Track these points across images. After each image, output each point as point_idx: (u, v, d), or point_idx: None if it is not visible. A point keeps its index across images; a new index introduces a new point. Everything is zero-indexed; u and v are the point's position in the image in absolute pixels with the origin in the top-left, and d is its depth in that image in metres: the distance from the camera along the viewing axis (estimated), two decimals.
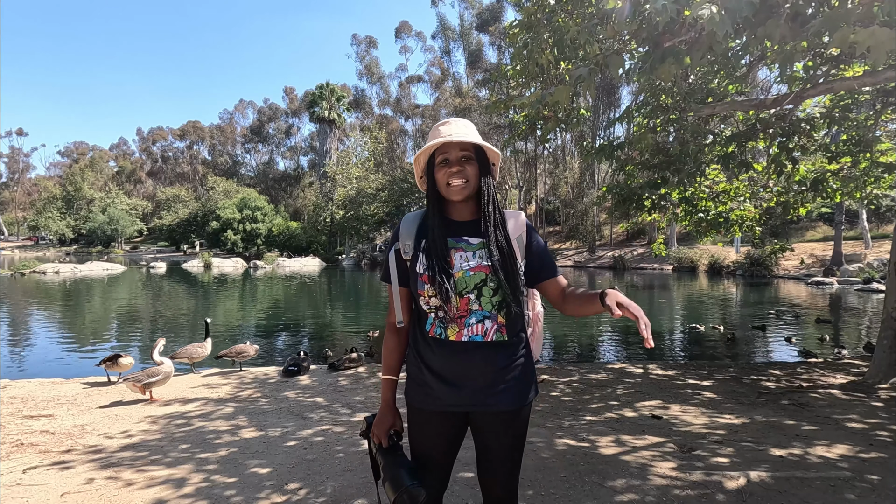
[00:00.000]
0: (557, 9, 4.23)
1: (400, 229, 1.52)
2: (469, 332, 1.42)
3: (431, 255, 1.43)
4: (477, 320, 1.42)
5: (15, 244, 65.53)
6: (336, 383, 5.15)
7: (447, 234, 1.46)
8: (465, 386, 1.43)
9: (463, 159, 1.45)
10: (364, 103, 54.56)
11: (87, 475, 2.86)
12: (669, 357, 7.84)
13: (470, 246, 1.45)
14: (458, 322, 1.42)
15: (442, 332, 1.43)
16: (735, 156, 5.34)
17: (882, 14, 2.55)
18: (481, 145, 1.46)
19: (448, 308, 1.42)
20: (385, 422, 1.50)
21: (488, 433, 1.49)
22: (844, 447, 3.23)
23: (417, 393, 1.49)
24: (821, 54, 4.49)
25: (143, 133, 78.71)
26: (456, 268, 1.43)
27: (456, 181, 1.44)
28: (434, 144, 1.45)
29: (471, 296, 1.42)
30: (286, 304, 15.45)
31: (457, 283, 1.42)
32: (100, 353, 7.18)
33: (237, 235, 43.42)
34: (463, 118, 1.54)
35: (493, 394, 1.44)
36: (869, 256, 23.33)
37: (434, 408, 1.47)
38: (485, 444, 1.51)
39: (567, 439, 3.40)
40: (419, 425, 1.51)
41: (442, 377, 1.44)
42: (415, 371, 1.50)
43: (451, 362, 1.43)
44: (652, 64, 3.02)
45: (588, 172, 40.01)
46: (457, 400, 1.45)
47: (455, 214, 1.50)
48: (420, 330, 1.49)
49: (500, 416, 1.46)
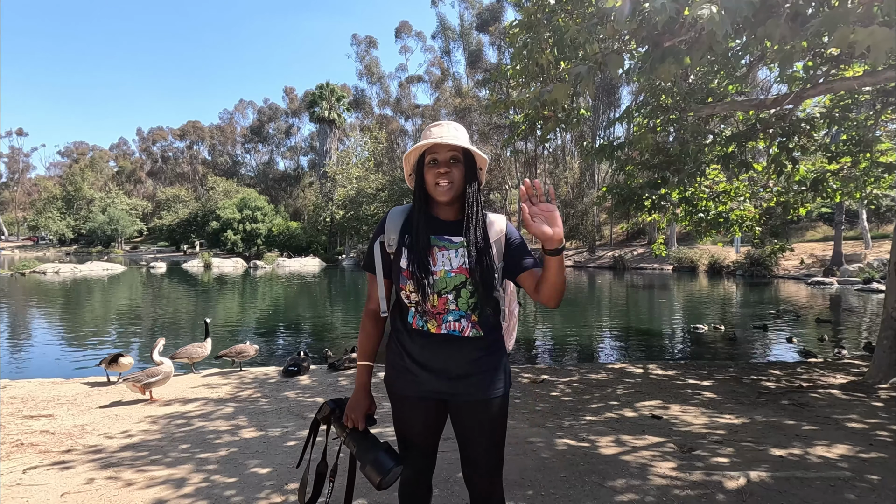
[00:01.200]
0: (557, 9, 4.23)
1: (386, 222, 1.56)
2: (447, 328, 1.50)
3: (413, 252, 1.48)
4: (454, 319, 1.50)
5: (15, 244, 65.53)
6: (336, 383, 5.15)
7: (431, 232, 1.51)
8: (441, 373, 1.51)
9: (451, 161, 1.49)
10: (364, 103, 54.54)
11: (87, 475, 2.86)
12: (669, 357, 7.84)
13: (452, 244, 1.51)
14: (436, 318, 1.50)
15: (424, 325, 1.51)
16: (735, 156, 5.34)
17: (882, 14, 2.55)
18: (469, 149, 1.50)
19: (426, 305, 1.48)
20: (362, 405, 1.55)
21: (466, 425, 1.54)
22: (844, 447, 3.23)
23: (399, 379, 1.56)
24: (821, 54, 4.49)
25: (143, 133, 78.71)
26: (438, 266, 1.49)
27: (443, 182, 1.48)
28: (424, 145, 1.50)
29: (449, 296, 1.49)
30: (286, 304, 15.45)
31: (437, 283, 1.48)
32: (100, 353, 7.18)
33: (237, 235, 43.41)
34: (456, 122, 1.58)
35: (466, 383, 1.51)
36: (869, 256, 23.33)
37: (414, 393, 1.54)
38: (464, 438, 1.56)
39: (567, 439, 3.40)
40: (401, 410, 1.58)
41: (421, 364, 1.51)
42: (396, 359, 1.57)
43: (430, 351, 1.51)
44: (652, 64, 3.02)
45: (588, 172, 40.01)
46: (435, 386, 1.52)
47: (440, 213, 1.55)
48: (402, 321, 1.55)
49: (475, 406, 1.52)
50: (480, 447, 1.54)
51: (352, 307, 14.50)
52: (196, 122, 73.63)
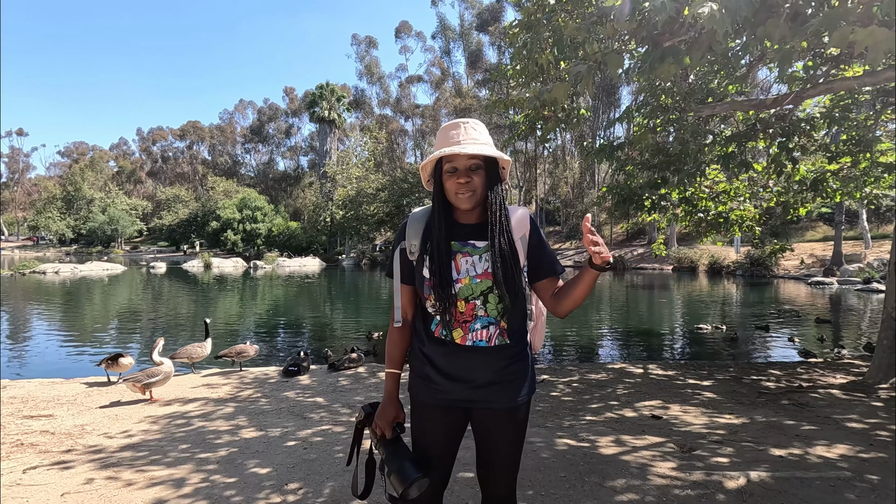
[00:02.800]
0: (557, 8, 4.23)
1: (407, 228, 1.52)
2: (473, 337, 1.45)
3: (435, 262, 1.44)
4: (482, 325, 1.45)
5: (15, 244, 65.50)
6: (336, 383, 5.15)
7: (453, 237, 1.47)
8: (466, 383, 1.47)
9: (471, 169, 1.43)
10: (364, 103, 54.53)
11: (87, 475, 2.86)
12: (669, 357, 7.84)
13: (476, 250, 1.46)
14: (462, 326, 1.45)
15: (448, 335, 1.46)
16: (735, 156, 5.34)
17: (881, 14, 2.55)
18: (490, 156, 1.44)
19: (453, 312, 1.44)
20: (388, 413, 1.51)
21: (489, 430, 1.51)
22: (844, 447, 3.23)
23: (421, 387, 1.52)
24: (820, 54, 4.50)
25: (143, 133, 78.77)
26: (462, 273, 1.44)
27: (463, 192, 1.42)
28: (444, 153, 1.43)
29: (477, 302, 1.44)
30: (286, 304, 15.45)
31: (463, 290, 1.44)
32: (100, 353, 7.18)
33: (237, 235, 43.42)
34: (473, 118, 1.51)
35: (492, 391, 1.47)
36: (869, 256, 23.32)
37: (437, 402, 1.50)
38: (485, 442, 1.53)
39: (567, 439, 3.40)
40: (422, 419, 1.54)
41: (445, 373, 1.47)
42: (419, 366, 1.53)
43: (454, 361, 1.46)
44: (651, 63, 3.02)
45: (588, 172, 40.05)
46: (459, 395, 1.48)
47: (462, 218, 1.50)
48: (425, 329, 1.51)
49: (500, 414, 1.49)
50: (501, 451, 1.51)
51: (352, 307, 14.50)
52: (196, 122, 73.69)
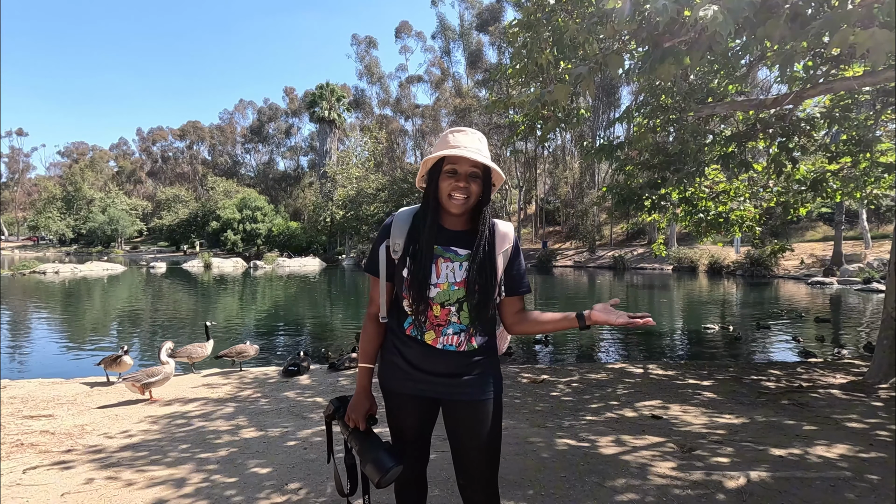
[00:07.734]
0: (557, 8, 4.23)
1: (392, 226, 1.54)
2: (444, 341, 1.50)
3: (417, 264, 1.47)
4: (454, 332, 1.51)
5: (15, 244, 65.52)
6: (336, 383, 5.15)
7: (436, 242, 1.50)
8: (435, 375, 1.53)
9: (471, 176, 1.46)
10: (364, 103, 54.52)
11: (87, 475, 2.86)
12: (669, 357, 7.84)
13: (458, 257, 1.50)
14: (435, 329, 1.50)
15: (419, 335, 1.51)
16: (735, 156, 5.34)
17: (882, 15, 2.55)
18: (491, 167, 1.48)
19: (427, 315, 1.49)
20: (363, 406, 1.57)
21: (457, 423, 1.56)
22: (844, 447, 3.23)
23: (393, 376, 1.57)
24: (821, 54, 4.49)
25: (143, 133, 78.85)
26: (441, 278, 1.48)
27: (458, 196, 1.45)
28: (447, 153, 1.45)
29: (452, 308, 1.49)
30: (286, 304, 15.45)
31: (440, 295, 1.48)
32: (100, 353, 7.18)
33: (237, 235, 43.44)
34: (477, 130, 1.53)
35: (458, 385, 1.53)
36: (869, 256, 23.32)
37: (408, 391, 1.55)
38: (457, 443, 1.57)
39: (567, 439, 3.40)
40: (395, 407, 1.60)
41: (414, 365, 1.53)
42: (390, 357, 1.58)
43: (423, 358, 1.52)
44: (652, 64, 3.02)
45: (588, 172, 40.02)
46: (428, 386, 1.54)
47: (448, 223, 1.53)
48: (398, 324, 1.56)
49: (467, 407, 1.53)
50: (474, 457, 1.54)
51: (352, 307, 14.50)
52: (196, 122, 73.79)
